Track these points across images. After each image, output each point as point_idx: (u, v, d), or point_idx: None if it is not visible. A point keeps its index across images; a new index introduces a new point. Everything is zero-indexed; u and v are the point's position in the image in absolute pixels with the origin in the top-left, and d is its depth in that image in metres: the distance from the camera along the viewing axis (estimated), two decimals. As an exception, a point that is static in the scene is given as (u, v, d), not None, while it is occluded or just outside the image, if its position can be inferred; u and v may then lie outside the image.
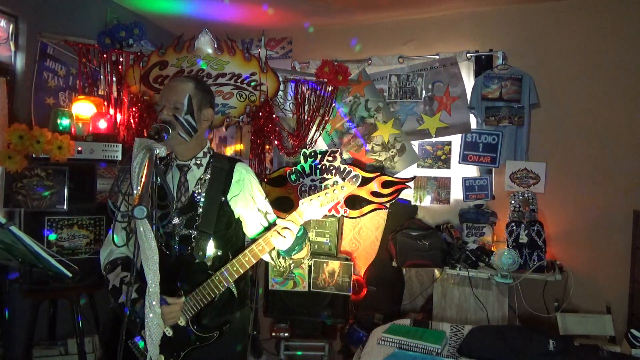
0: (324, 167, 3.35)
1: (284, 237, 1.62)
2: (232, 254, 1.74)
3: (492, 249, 3.21)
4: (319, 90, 3.36)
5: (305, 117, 3.43)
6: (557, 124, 3.35)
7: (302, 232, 1.69)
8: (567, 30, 3.33)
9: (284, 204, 3.41)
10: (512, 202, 3.26)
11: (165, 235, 1.68)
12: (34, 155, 2.65)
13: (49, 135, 2.62)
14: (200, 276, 1.68)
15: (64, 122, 2.86)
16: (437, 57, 3.57)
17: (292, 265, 1.83)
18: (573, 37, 3.31)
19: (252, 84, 3.12)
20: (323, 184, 3.34)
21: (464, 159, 3.49)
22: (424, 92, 3.60)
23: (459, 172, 3.54)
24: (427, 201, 3.60)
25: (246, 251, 1.67)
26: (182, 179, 1.74)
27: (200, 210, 1.71)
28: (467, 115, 3.50)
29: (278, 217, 1.79)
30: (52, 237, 2.69)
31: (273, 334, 3.43)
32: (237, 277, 1.67)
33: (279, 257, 1.75)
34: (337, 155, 3.35)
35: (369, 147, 3.70)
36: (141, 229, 1.35)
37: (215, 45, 3.06)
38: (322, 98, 3.41)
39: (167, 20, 3.89)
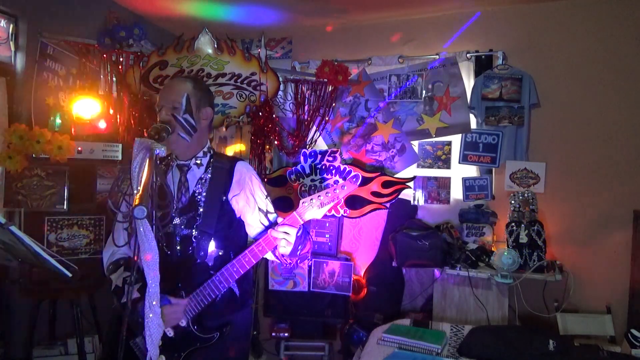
0: (324, 167, 3.35)
1: (284, 240, 1.61)
2: (233, 253, 1.74)
3: (492, 249, 3.22)
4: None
5: (305, 117, 3.43)
6: (557, 124, 3.35)
7: (301, 231, 1.68)
8: (567, 30, 3.33)
9: (284, 204, 3.41)
10: (512, 202, 3.25)
11: (166, 235, 1.67)
12: (34, 155, 2.65)
13: (49, 135, 2.62)
14: (202, 276, 1.67)
15: (63, 122, 2.86)
16: (437, 57, 3.58)
17: (299, 260, 1.83)
18: (573, 37, 3.31)
19: (253, 83, 3.12)
20: (323, 184, 3.34)
21: (464, 159, 3.49)
22: (424, 92, 3.60)
23: (459, 172, 3.54)
24: (425, 201, 3.60)
25: (246, 251, 1.66)
26: (183, 178, 1.74)
27: (201, 210, 1.71)
28: (467, 115, 3.50)
29: (279, 216, 1.79)
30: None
31: (273, 334, 3.43)
32: (237, 277, 1.67)
33: (283, 256, 1.74)
34: (337, 155, 3.35)
35: (368, 147, 3.70)
36: (141, 229, 1.35)
37: (215, 45, 3.06)
38: (322, 98, 3.41)
39: (167, 20, 3.88)
